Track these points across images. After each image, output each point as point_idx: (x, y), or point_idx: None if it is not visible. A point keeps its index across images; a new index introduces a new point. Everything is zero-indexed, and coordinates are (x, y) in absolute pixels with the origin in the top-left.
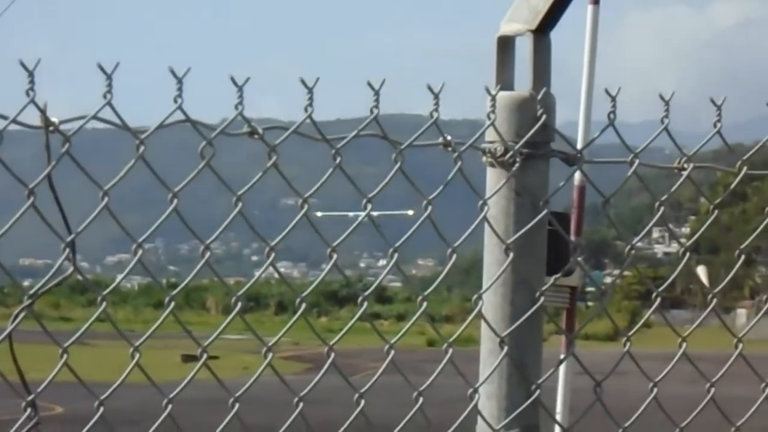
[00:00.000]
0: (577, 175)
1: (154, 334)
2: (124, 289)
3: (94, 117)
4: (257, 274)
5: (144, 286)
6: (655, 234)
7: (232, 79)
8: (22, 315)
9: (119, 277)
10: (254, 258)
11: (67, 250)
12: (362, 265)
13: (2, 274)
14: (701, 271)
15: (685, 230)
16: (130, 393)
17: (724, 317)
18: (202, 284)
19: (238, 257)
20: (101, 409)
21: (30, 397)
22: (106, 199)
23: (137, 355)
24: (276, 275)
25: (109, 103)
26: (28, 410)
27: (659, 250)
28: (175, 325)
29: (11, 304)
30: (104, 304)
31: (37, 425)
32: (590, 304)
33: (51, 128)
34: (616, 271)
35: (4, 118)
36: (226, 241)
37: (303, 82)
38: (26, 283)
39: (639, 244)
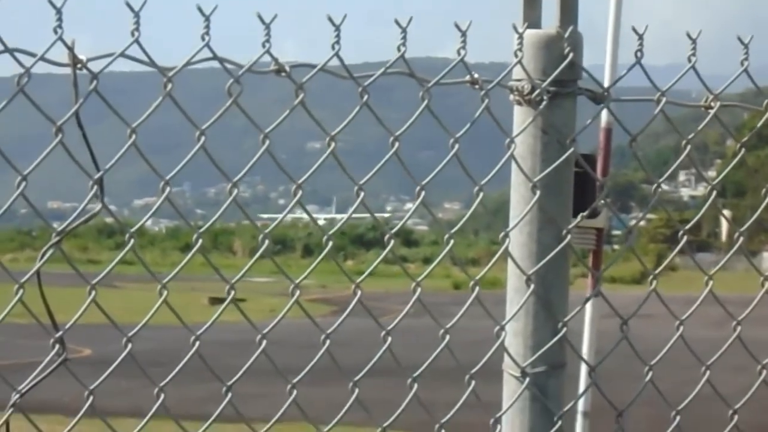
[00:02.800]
0: (604, 117)
1: (181, 276)
2: (151, 232)
3: (122, 54)
4: (284, 215)
5: (171, 229)
6: (681, 177)
7: (259, 17)
8: (50, 252)
9: (147, 215)
10: (281, 201)
11: (95, 188)
12: (389, 208)
13: (31, 217)
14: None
15: (712, 173)
16: (156, 334)
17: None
18: (228, 227)
19: (265, 200)
20: (129, 346)
21: (58, 334)
22: (134, 136)
23: (165, 293)
24: (302, 219)
25: (137, 41)
26: (56, 347)
27: (685, 193)
28: (202, 267)
29: (40, 246)
30: (132, 241)
31: (65, 362)
32: (616, 247)
33: (78, 66)
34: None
35: (32, 55)
36: (252, 184)
37: (330, 19)
38: (55, 225)
39: (665, 187)
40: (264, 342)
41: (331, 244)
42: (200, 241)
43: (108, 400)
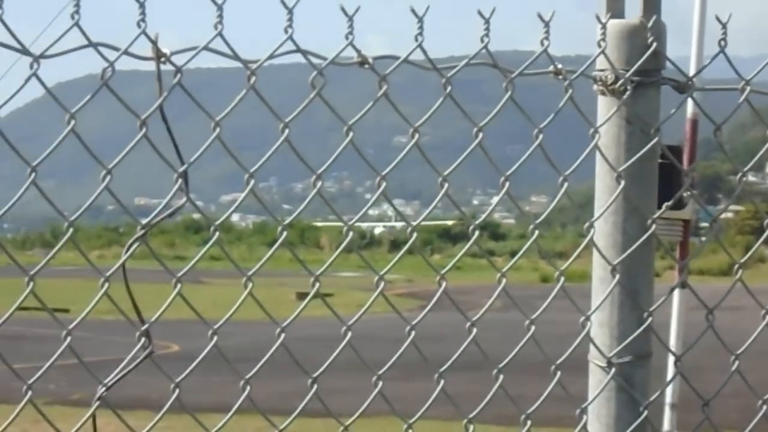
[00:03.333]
0: (690, 108)
1: (269, 272)
2: (238, 227)
3: (206, 48)
4: (371, 211)
5: (258, 224)
6: None
7: (342, 9)
8: (136, 245)
9: (232, 208)
10: (367, 196)
11: (180, 182)
12: (475, 202)
13: (118, 214)
14: None
15: None
16: (243, 330)
17: None
18: (316, 223)
19: (351, 195)
20: (215, 339)
21: (143, 327)
22: (218, 129)
23: (250, 285)
24: (390, 213)
25: (221, 34)
26: (142, 340)
27: None
28: (289, 263)
29: (126, 243)
30: (217, 234)
31: (151, 355)
32: (704, 239)
33: (162, 59)
34: (731, 207)
35: (116, 49)
36: (339, 179)
37: (413, 10)
38: (142, 222)
39: (753, 178)
40: (349, 335)
41: (415, 236)
42: (285, 233)
43: (195, 395)
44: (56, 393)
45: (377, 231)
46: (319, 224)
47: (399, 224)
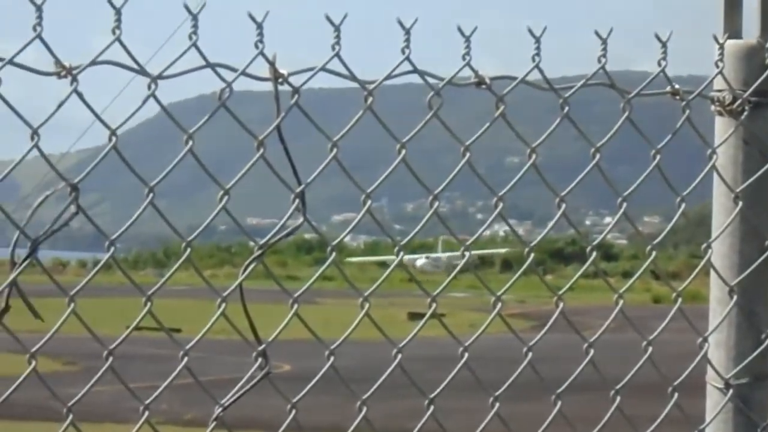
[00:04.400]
0: None
1: (381, 292)
2: (350, 247)
3: (323, 68)
4: (484, 231)
5: (370, 243)
6: None
7: (459, 29)
8: (252, 266)
9: (348, 229)
10: (479, 216)
11: (297, 201)
12: (588, 222)
13: (230, 234)
14: None
15: None
16: (356, 350)
17: None
18: (427, 242)
19: (464, 215)
20: (331, 359)
21: (261, 347)
22: (335, 150)
23: (366, 305)
24: (501, 233)
25: (338, 55)
26: (259, 360)
27: None
28: (401, 283)
29: (239, 263)
30: (333, 254)
31: (268, 375)
32: None
33: (280, 80)
34: None
35: (233, 70)
36: (451, 199)
37: (530, 31)
38: (256, 241)
39: None
40: (466, 355)
41: (532, 256)
42: (401, 254)
43: (308, 415)
44: (169, 413)
45: (419, 263)
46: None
47: (445, 255)
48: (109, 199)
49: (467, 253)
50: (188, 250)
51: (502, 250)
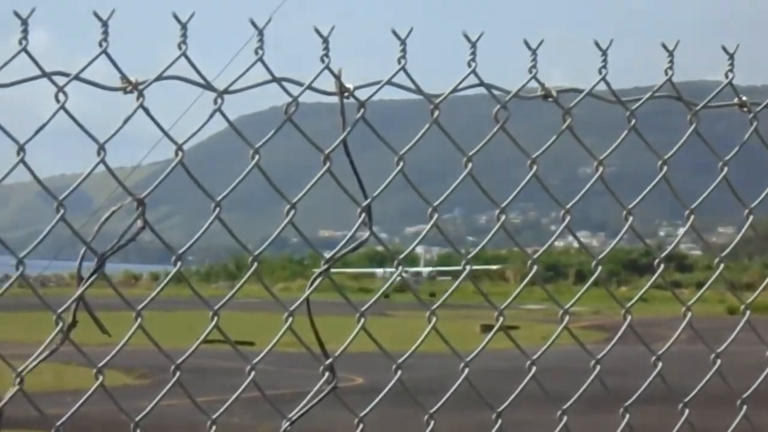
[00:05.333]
0: None
1: (453, 304)
2: (422, 259)
3: (389, 82)
4: (556, 242)
5: (443, 256)
6: None
7: (526, 43)
8: (320, 279)
9: (416, 241)
10: (552, 227)
11: (363, 215)
12: (661, 233)
13: (302, 246)
14: None
15: None
16: (428, 363)
17: None
18: (500, 254)
19: (536, 226)
20: (399, 373)
21: (328, 361)
22: (401, 163)
23: (434, 319)
24: (575, 245)
25: (404, 69)
26: (326, 374)
27: None
28: (473, 295)
29: (310, 275)
30: (400, 268)
31: (335, 389)
32: None
33: (346, 94)
34: None
35: (300, 84)
36: (524, 210)
37: (597, 44)
38: (326, 254)
39: None
40: (534, 368)
41: (599, 269)
42: (468, 267)
43: (378, 428)
44: (240, 426)
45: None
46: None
47: (426, 269)
48: (180, 213)
49: (467, 267)
50: (255, 264)
51: (493, 267)
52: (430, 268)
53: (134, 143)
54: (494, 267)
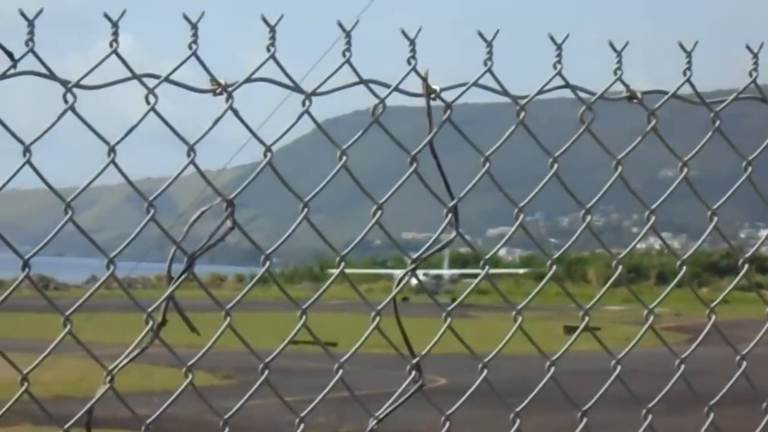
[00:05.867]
0: None
1: (536, 305)
2: (505, 261)
3: (475, 84)
4: (638, 245)
5: (525, 258)
6: None
7: (611, 44)
8: (406, 279)
9: (501, 243)
10: (634, 229)
11: (450, 216)
12: (742, 235)
13: (385, 248)
14: None
15: None
16: (508, 364)
17: None
18: (582, 256)
19: (618, 229)
20: (485, 372)
21: (414, 360)
22: (487, 164)
23: (519, 319)
24: (657, 246)
25: (490, 71)
26: (413, 373)
27: None
28: (556, 297)
29: (390, 278)
30: (487, 268)
31: (421, 387)
32: None
33: (432, 96)
34: None
35: (386, 86)
36: (606, 213)
37: (681, 45)
38: (411, 255)
39: None
40: (618, 368)
41: (684, 269)
42: (554, 267)
43: (462, 428)
44: (325, 426)
45: (416, 280)
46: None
47: (448, 272)
48: (265, 215)
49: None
50: (342, 264)
51: (520, 270)
52: (452, 271)
53: (217, 148)
54: (521, 271)
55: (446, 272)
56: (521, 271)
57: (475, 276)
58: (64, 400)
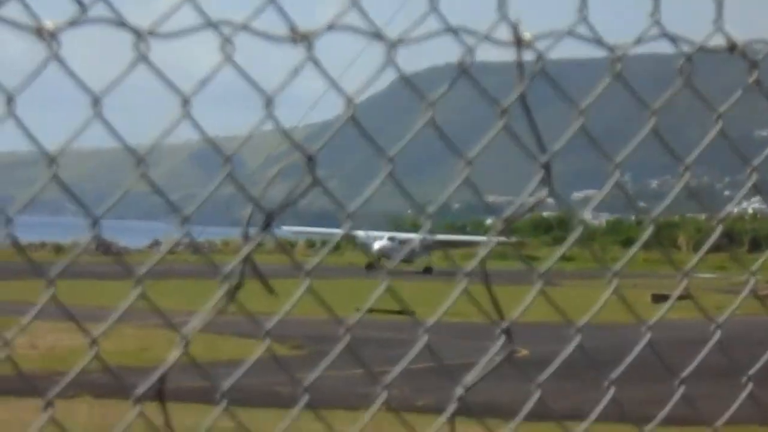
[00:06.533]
0: None
1: (623, 273)
2: (591, 226)
3: (569, 33)
4: (731, 209)
5: (612, 222)
6: None
7: None
8: (492, 244)
9: (589, 205)
10: (726, 192)
11: (542, 172)
12: None
13: (465, 212)
14: None
15: None
16: (598, 334)
17: None
18: (672, 220)
19: (710, 193)
20: (578, 337)
21: (504, 325)
22: (581, 118)
23: (615, 282)
24: (750, 211)
25: (585, 19)
26: (502, 338)
27: None
28: (644, 264)
29: (474, 242)
30: (580, 228)
31: (513, 353)
32: None
33: (524, 45)
34: None
35: (474, 34)
36: (697, 175)
37: None
38: (488, 221)
39: None
40: (718, 333)
41: None
42: (651, 227)
43: (549, 400)
44: (400, 399)
45: (378, 244)
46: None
47: (456, 238)
48: (337, 177)
49: (424, 237)
50: (429, 221)
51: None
52: (423, 236)
53: (285, 106)
54: (513, 240)
55: (415, 237)
56: (513, 240)
57: (452, 244)
58: (126, 370)
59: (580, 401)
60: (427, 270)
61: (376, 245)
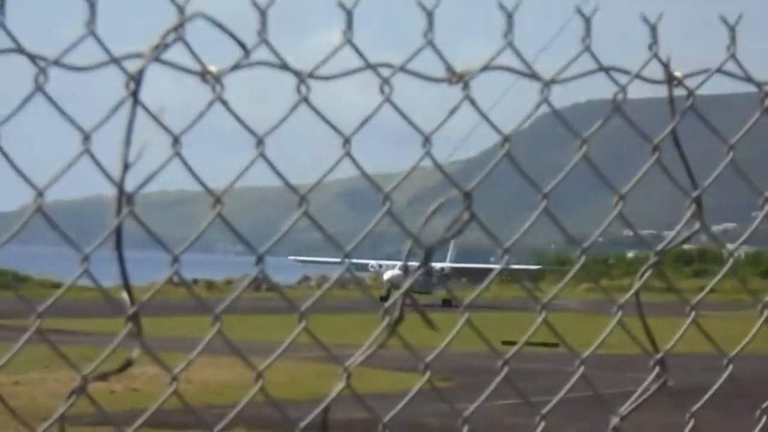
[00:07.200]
0: None
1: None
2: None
3: (719, 70)
4: None
5: (751, 254)
6: None
7: None
8: (647, 273)
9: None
10: None
11: (693, 206)
12: None
13: (607, 246)
14: None
15: None
16: (743, 364)
17: None
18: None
19: None
20: (730, 367)
21: (658, 355)
22: (731, 153)
23: (767, 312)
24: None
25: (733, 56)
26: (656, 369)
27: None
28: None
29: (616, 275)
30: (730, 261)
31: (665, 384)
32: None
33: (675, 82)
34: None
35: (626, 73)
36: None
37: None
38: (630, 255)
39: None
40: None
41: None
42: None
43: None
44: (552, 429)
45: (388, 275)
46: None
47: (474, 266)
48: (478, 214)
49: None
50: (583, 257)
51: (533, 267)
52: (443, 264)
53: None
54: (534, 267)
55: (436, 266)
56: (534, 267)
57: (470, 273)
58: (286, 402)
59: (729, 430)
60: (446, 302)
61: (387, 275)
